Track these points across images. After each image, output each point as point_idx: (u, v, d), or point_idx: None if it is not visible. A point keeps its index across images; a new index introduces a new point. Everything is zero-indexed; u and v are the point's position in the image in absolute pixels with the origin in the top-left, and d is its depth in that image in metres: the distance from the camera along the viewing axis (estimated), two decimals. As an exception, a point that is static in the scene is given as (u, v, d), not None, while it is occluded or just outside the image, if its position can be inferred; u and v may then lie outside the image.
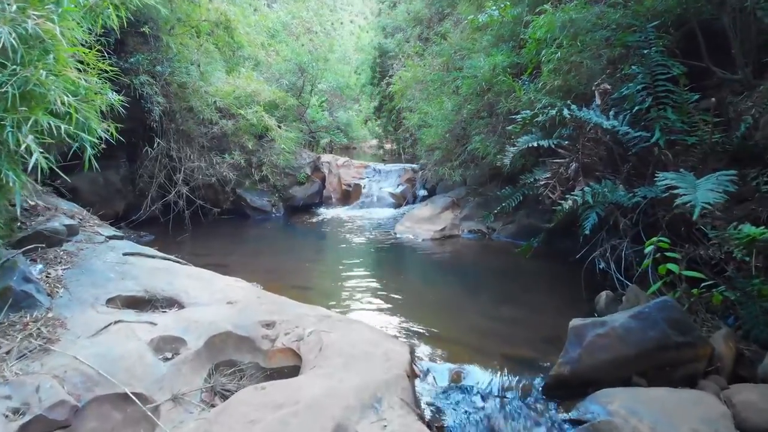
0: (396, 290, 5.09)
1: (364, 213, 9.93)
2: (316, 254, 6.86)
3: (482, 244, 7.24)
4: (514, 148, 5.56)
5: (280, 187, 9.63)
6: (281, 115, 9.19)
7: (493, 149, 7.13)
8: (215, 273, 4.95)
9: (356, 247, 6.99)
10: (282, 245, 7.29)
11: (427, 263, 6.34)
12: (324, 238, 7.97)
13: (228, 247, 7.13)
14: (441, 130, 8.15)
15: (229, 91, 8.76)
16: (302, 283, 5.32)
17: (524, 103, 5.98)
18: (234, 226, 8.78)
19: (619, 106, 4.89)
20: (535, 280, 5.54)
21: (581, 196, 4.27)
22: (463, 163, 8.14)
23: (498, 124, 7.40)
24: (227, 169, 8.39)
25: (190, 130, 8.59)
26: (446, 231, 7.48)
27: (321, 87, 12.51)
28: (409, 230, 7.61)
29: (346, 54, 24.13)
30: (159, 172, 8.35)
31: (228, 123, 8.57)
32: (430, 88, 9.18)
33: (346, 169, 12.20)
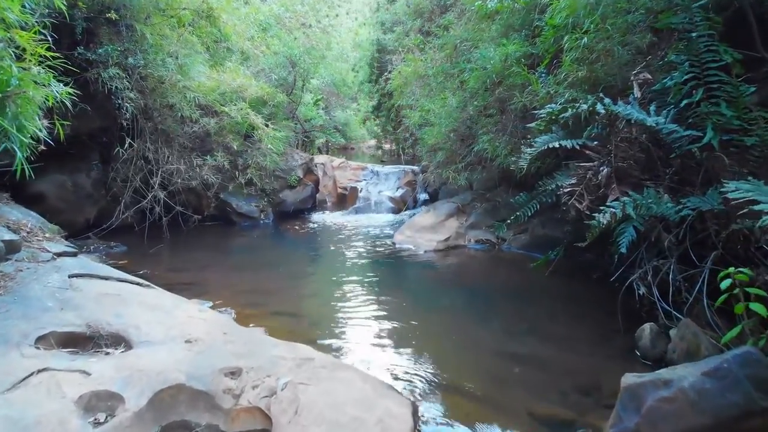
0: (395, 316, 4.32)
1: (360, 219, 9.16)
2: (304, 269, 6.09)
3: (491, 257, 6.48)
4: (531, 149, 4.80)
5: (269, 191, 8.86)
6: (270, 112, 8.42)
7: (503, 150, 6.38)
8: (180, 298, 4.19)
9: (350, 261, 6.22)
10: (268, 258, 6.52)
11: (431, 281, 5.57)
12: (315, 248, 7.19)
13: (207, 261, 6.36)
14: (444, 129, 7.38)
15: (212, 87, 7.98)
16: (285, 307, 4.55)
17: (542, 97, 5.22)
18: (217, 234, 8.01)
19: (661, 99, 4.13)
20: (557, 302, 4.78)
21: (620, 208, 3.50)
22: (468, 166, 7.37)
23: (509, 122, 6.65)
24: (209, 172, 7.61)
25: (170, 130, 7.82)
26: (451, 241, 6.72)
27: (315, 83, 11.72)
28: (410, 240, 6.85)
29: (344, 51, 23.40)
30: (134, 176, 7.58)
31: (211, 121, 7.81)
32: (432, 84, 8.42)
33: (342, 171, 11.44)
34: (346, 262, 6.13)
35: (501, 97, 6.10)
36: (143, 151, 7.53)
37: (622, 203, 3.53)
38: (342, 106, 21.72)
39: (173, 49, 7.22)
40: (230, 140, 7.83)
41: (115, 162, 7.48)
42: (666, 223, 3.86)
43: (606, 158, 4.24)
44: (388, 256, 6.45)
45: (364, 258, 6.33)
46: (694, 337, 3.14)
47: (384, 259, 6.29)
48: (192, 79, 7.70)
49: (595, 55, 4.72)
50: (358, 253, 6.60)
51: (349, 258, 6.32)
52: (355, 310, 4.51)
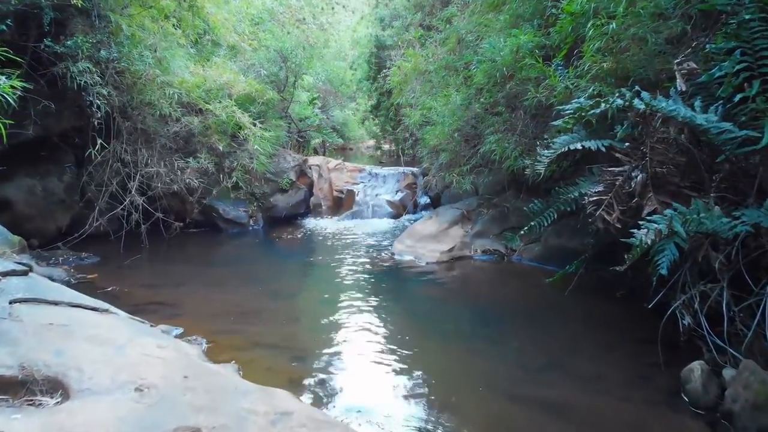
0: (393, 347, 3.72)
1: (357, 225, 8.56)
2: (292, 286, 5.47)
3: (500, 269, 5.87)
4: (549, 152, 4.20)
5: (259, 195, 8.26)
6: (259, 111, 7.80)
7: (513, 152, 5.79)
8: (141, 326, 3.60)
9: (344, 275, 5.61)
10: (253, 271, 5.92)
11: (434, 300, 4.95)
12: (306, 260, 6.58)
13: (185, 274, 5.75)
14: (448, 129, 6.78)
15: (196, 83, 7.37)
16: (266, 335, 3.94)
17: (560, 92, 4.62)
18: (202, 242, 7.41)
19: (704, 93, 3.53)
20: (579, 328, 4.17)
21: (666, 224, 2.90)
22: (474, 168, 6.77)
23: (518, 121, 6.05)
24: (192, 175, 7.00)
25: (150, 129, 7.20)
26: (455, 252, 6.12)
27: (309, 81, 11.12)
28: (410, 250, 6.24)
29: (342, 49, 22.80)
30: (110, 179, 6.97)
31: (194, 120, 7.19)
32: (434, 80, 7.82)
33: (339, 173, 10.82)
34: (339, 277, 5.52)
35: (512, 92, 5.49)
36: (120, 152, 6.92)
37: (667, 218, 2.92)
38: (340, 105, 21.15)
39: (152, 41, 6.61)
40: (215, 141, 7.21)
41: (90, 165, 6.87)
42: (713, 239, 3.26)
43: (639, 162, 3.64)
44: (387, 269, 5.84)
45: (360, 272, 5.72)
46: (762, 386, 2.53)
47: (382, 273, 5.68)
48: (173, 74, 7.09)
49: (623, 43, 4.11)
50: (353, 265, 5.99)
51: (342, 272, 5.71)
52: (347, 339, 3.90)
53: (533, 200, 6.21)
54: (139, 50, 6.53)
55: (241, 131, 7.05)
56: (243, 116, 7.00)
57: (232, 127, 7.02)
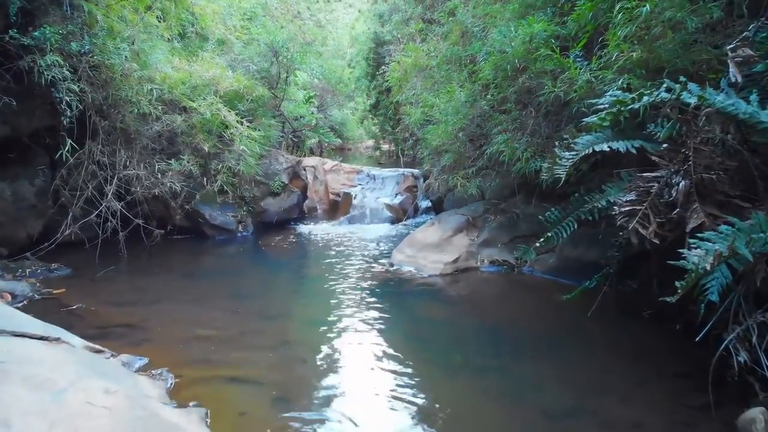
0: (390, 384, 3.18)
1: (354, 230, 8.02)
2: (280, 302, 4.92)
3: (510, 283, 5.34)
4: (570, 154, 3.67)
5: (248, 198, 7.72)
6: (248, 108, 7.27)
7: (524, 153, 5.26)
8: (95, 359, 3.09)
9: (338, 290, 5.07)
10: (238, 285, 5.38)
11: (439, 320, 4.40)
12: (297, 272, 6.04)
13: (163, 288, 5.22)
14: (451, 128, 6.24)
15: (180, 79, 6.83)
16: (246, 365, 3.40)
17: (581, 86, 4.09)
18: (185, 251, 6.87)
19: (757, 85, 3.00)
20: (606, 356, 3.62)
21: (727, 243, 2.37)
22: (480, 171, 6.24)
23: (529, 119, 5.52)
24: (174, 179, 6.47)
25: (131, 129, 6.66)
26: (460, 263, 5.58)
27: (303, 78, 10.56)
28: (411, 261, 5.71)
29: (341, 47, 22.28)
30: (86, 183, 6.43)
31: (178, 119, 6.65)
32: (436, 75, 7.28)
33: (335, 175, 10.28)
34: (332, 293, 4.98)
35: (524, 87, 4.95)
36: (96, 154, 6.38)
37: (728, 236, 2.39)
38: (338, 104, 20.65)
39: (129, 33, 6.07)
40: (200, 141, 6.68)
41: (64, 167, 6.33)
42: (771, 259, 2.73)
43: (680, 167, 3.10)
44: (385, 282, 5.30)
45: (355, 287, 5.18)
46: None
47: (379, 288, 5.14)
48: (154, 69, 6.55)
49: (656, 29, 3.58)
50: (348, 278, 5.45)
51: (336, 286, 5.17)
52: (338, 372, 3.36)
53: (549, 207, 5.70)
54: (114, 43, 5.99)
55: (227, 131, 6.51)
56: (229, 114, 6.47)
57: (217, 127, 6.48)
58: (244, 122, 6.69)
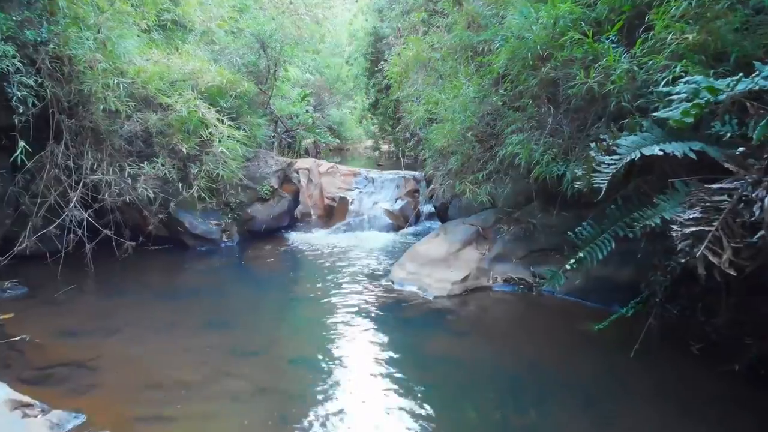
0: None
1: (350, 240, 7.32)
2: (261, 333, 4.15)
3: (528, 306, 4.63)
4: (613, 159, 2.98)
5: (234, 204, 7.02)
6: (231, 105, 6.56)
7: (543, 155, 4.56)
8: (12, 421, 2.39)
9: (329, 317, 4.37)
10: (215, 308, 4.68)
11: (448, 358, 3.64)
12: (284, 290, 5.30)
13: (127, 313, 4.52)
14: (459, 127, 5.54)
15: (158, 72, 6.12)
16: (205, 427, 2.70)
17: (619, 76, 3.38)
18: (160, 265, 6.16)
19: None
20: (658, 415, 2.90)
21: None
22: (491, 176, 5.54)
23: (548, 116, 4.83)
24: (147, 184, 5.77)
25: (101, 129, 5.96)
26: (470, 281, 4.88)
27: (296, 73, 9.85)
28: (413, 278, 5.00)
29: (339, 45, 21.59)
30: (48, 189, 5.74)
31: (153, 117, 5.94)
32: (441, 69, 6.58)
33: (331, 178, 9.57)
34: (322, 322, 4.27)
35: (548, 78, 4.24)
36: (59, 156, 5.68)
37: None
38: (336, 103, 19.98)
39: (93, 21, 5.37)
40: (178, 142, 5.97)
41: (24, 172, 5.62)
42: None
43: (764, 176, 2.41)
44: (384, 306, 4.60)
45: (349, 311, 4.47)
46: None
47: (377, 314, 4.43)
48: (127, 61, 5.85)
49: (720, 4, 2.88)
50: (341, 301, 4.74)
51: (327, 312, 4.47)
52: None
53: (570, 217, 5.01)
54: (76, 31, 5.29)
55: (206, 130, 5.80)
56: (208, 111, 5.76)
57: (194, 125, 5.77)
58: (226, 120, 5.98)
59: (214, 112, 5.86)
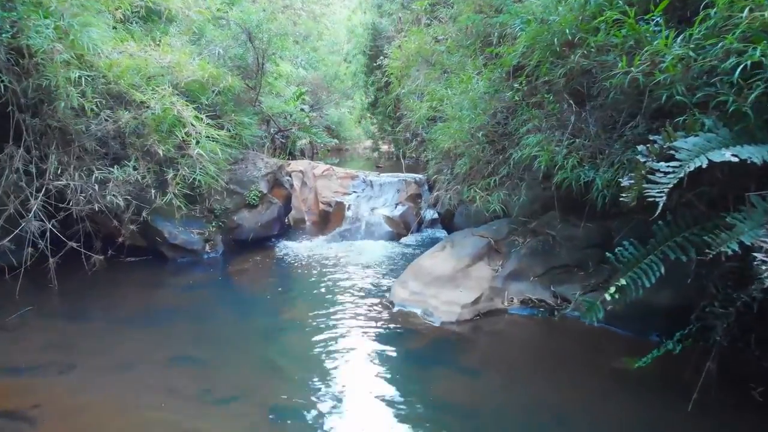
0: None
1: (346, 249, 6.69)
2: (238, 369, 3.48)
3: (550, 332, 4.01)
4: (671, 165, 2.36)
5: (218, 211, 6.39)
6: (216, 102, 5.94)
7: (568, 159, 3.96)
8: None
9: (320, 346, 3.75)
10: (189, 337, 4.06)
11: (461, 405, 2.97)
12: (269, 313, 4.64)
13: (87, 343, 3.90)
14: (468, 126, 4.93)
15: (130, 66, 5.50)
16: None
17: (670, 65, 2.76)
18: (134, 280, 5.53)
19: None
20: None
21: None
22: (503, 181, 4.93)
23: (570, 114, 4.23)
24: (117, 190, 5.15)
25: (70, 129, 5.34)
26: (482, 303, 4.25)
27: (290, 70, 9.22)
28: (417, 300, 4.38)
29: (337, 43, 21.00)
30: (7, 196, 5.11)
31: (125, 115, 5.32)
32: (447, 62, 5.97)
33: (327, 181, 8.96)
34: (309, 356, 3.64)
35: (578, 68, 3.61)
36: (18, 159, 5.06)
37: None
38: (335, 102, 19.37)
39: (55, 7, 4.74)
40: (154, 143, 5.35)
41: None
42: None
43: None
44: (383, 334, 3.97)
45: (342, 343, 3.84)
46: None
47: (375, 344, 3.80)
48: (95, 53, 5.22)
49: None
50: (332, 328, 4.10)
51: (316, 343, 3.83)
52: None
53: (595, 228, 4.41)
54: (36, 18, 4.67)
55: (182, 129, 5.17)
56: (185, 109, 5.13)
57: (169, 124, 5.15)
58: (205, 119, 5.35)
59: (191, 109, 5.23)
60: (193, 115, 5.20)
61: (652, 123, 3.45)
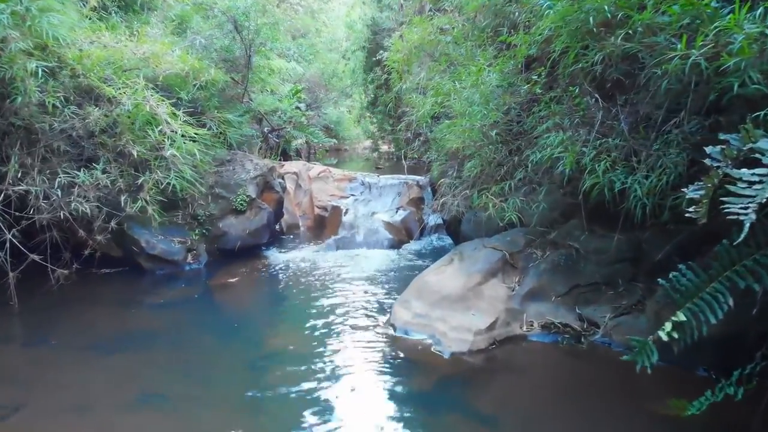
0: None
1: (342, 259, 6.13)
2: (211, 414, 2.97)
3: (578, 364, 3.44)
4: (760, 174, 1.79)
5: (202, 218, 5.83)
6: (198, 97, 5.38)
7: (601, 162, 3.41)
8: None
9: (305, 387, 3.17)
10: (158, 368, 3.50)
11: None
12: (250, 340, 4.01)
13: (40, 375, 3.35)
14: (479, 123, 4.37)
15: (104, 57, 4.95)
16: None
17: (744, 47, 2.20)
18: (105, 296, 4.95)
19: None
20: None
21: None
22: (519, 185, 4.37)
23: (597, 110, 3.68)
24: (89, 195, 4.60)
25: (36, 128, 4.79)
26: (498, 328, 3.68)
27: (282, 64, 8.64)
28: (422, 324, 3.80)
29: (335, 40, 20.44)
30: (-40, 202, 4.56)
31: (95, 112, 4.76)
32: (453, 53, 5.41)
33: (322, 183, 8.40)
34: (293, 398, 3.08)
35: (616, 53, 3.04)
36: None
37: None
38: (333, 101, 18.83)
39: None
40: (127, 143, 4.78)
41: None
42: None
43: None
44: (382, 369, 3.39)
45: (333, 379, 3.28)
46: None
47: (372, 384, 3.22)
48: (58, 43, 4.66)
49: None
50: (323, 359, 3.54)
51: (302, 378, 3.26)
52: None
53: (625, 240, 3.85)
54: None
55: (155, 127, 4.61)
56: (159, 105, 4.56)
57: (141, 121, 4.58)
58: (182, 116, 4.78)
59: (167, 105, 4.66)
60: (168, 111, 4.63)
61: (705, 119, 2.89)
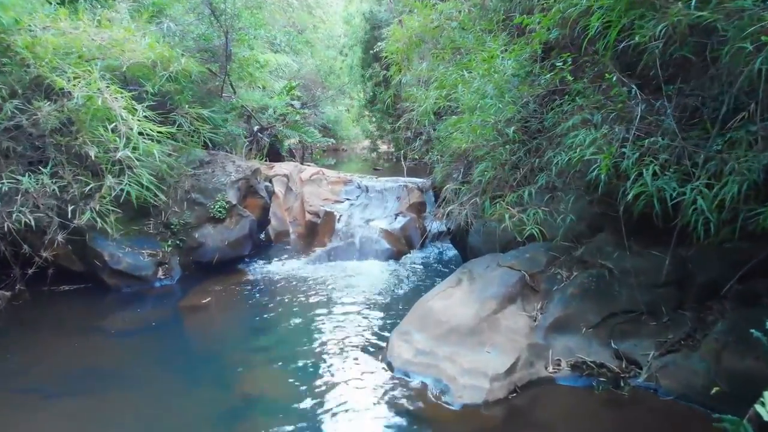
0: None
1: (334, 274, 5.45)
2: None
3: (617, 413, 2.76)
4: None
5: (176, 227, 5.16)
6: (168, 91, 4.72)
7: (648, 166, 2.76)
8: None
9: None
10: (107, 421, 2.83)
11: None
12: (223, 381, 3.31)
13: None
14: (493, 119, 3.69)
15: (58, 45, 4.28)
16: None
17: None
18: (58, 320, 4.26)
19: None
20: None
21: None
22: (541, 192, 3.69)
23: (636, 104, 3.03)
24: (28, 205, 3.92)
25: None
26: (519, 371, 3.00)
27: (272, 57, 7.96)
28: (425, 363, 3.12)
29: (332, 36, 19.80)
30: None
31: (45, 107, 4.09)
32: (460, 40, 4.73)
33: (315, 187, 7.72)
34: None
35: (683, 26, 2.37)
36: None
37: None
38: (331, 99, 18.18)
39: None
40: (83, 143, 4.11)
41: None
42: None
43: None
44: (377, 424, 2.73)
45: None
46: None
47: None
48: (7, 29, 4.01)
49: None
50: (304, 413, 2.87)
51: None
52: None
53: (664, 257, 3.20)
54: None
55: (109, 123, 3.93)
56: (113, 99, 3.88)
57: (92, 117, 3.91)
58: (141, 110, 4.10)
59: (124, 99, 3.98)
60: (126, 105, 3.95)
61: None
